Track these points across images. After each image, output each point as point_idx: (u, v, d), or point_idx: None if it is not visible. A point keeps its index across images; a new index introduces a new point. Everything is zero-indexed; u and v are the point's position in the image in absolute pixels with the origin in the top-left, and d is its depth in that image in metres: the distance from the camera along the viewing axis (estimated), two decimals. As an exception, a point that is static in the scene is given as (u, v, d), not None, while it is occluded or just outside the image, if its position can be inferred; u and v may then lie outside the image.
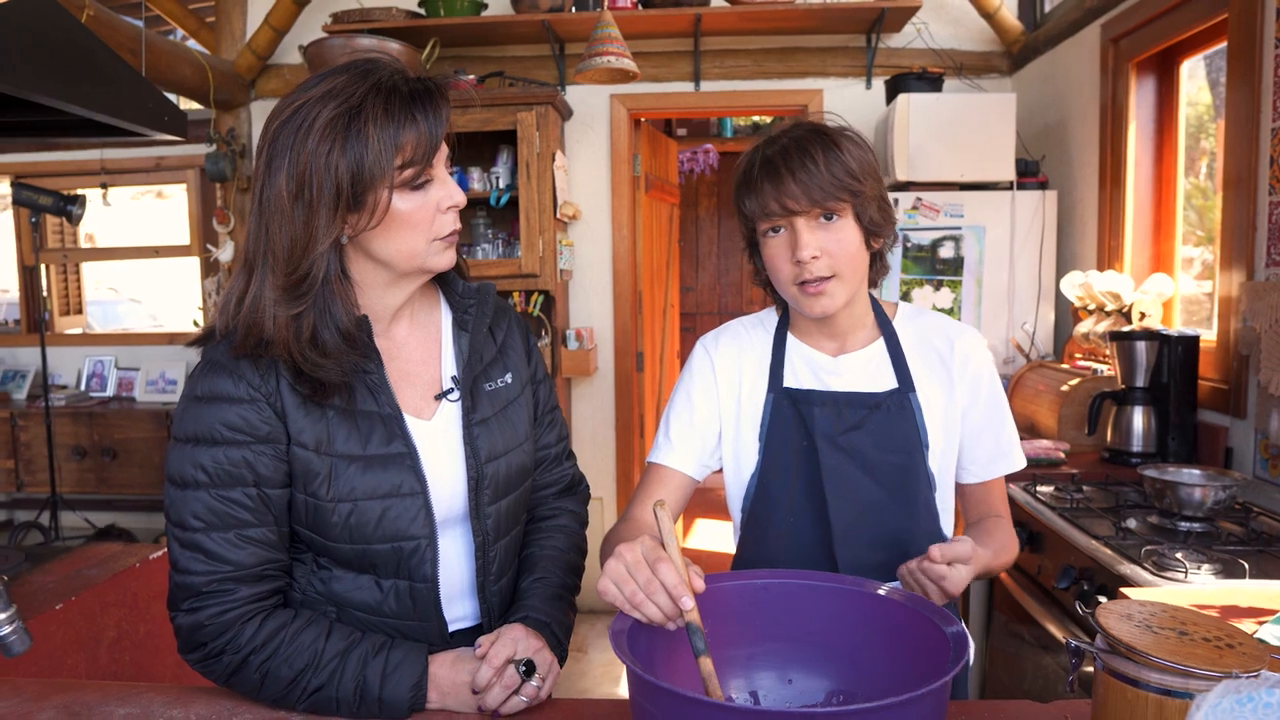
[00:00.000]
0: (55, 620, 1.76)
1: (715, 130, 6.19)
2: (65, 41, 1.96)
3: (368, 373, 1.13)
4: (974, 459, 1.36)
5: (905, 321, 1.38)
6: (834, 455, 1.30)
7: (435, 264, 1.14)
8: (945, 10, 3.89)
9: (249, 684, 1.08)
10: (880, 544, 1.30)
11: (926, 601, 0.97)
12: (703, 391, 1.39)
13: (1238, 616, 1.41)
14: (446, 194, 1.12)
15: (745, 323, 1.45)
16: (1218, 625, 0.92)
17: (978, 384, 1.34)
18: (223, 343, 1.10)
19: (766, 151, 1.27)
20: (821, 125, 1.28)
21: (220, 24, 4.12)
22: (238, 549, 1.07)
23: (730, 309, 6.79)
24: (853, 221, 1.25)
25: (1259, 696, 0.68)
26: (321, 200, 1.03)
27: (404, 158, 1.05)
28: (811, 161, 1.21)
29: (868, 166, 1.26)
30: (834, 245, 1.24)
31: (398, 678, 1.07)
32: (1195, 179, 2.91)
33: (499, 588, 1.24)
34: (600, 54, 3.12)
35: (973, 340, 1.36)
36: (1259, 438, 2.22)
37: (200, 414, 1.08)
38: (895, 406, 1.31)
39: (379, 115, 1.03)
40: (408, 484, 1.13)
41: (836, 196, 1.22)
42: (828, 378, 1.35)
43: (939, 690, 0.81)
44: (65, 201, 3.99)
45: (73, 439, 4.60)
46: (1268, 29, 2.20)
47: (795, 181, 1.22)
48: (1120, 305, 2.77)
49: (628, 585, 0.92)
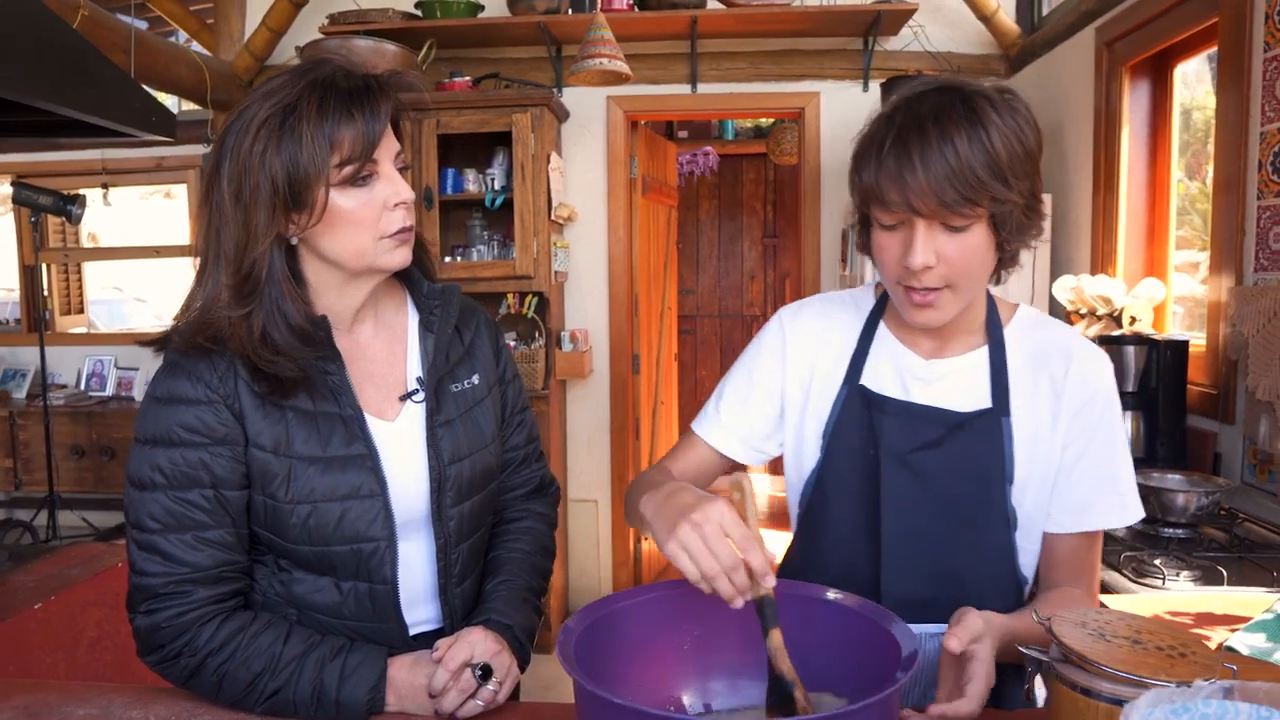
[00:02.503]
0: (34, 619, 1.76)
1: (716, 133, 6.19)
2: (51, 42, 1.97)
3: (329, 373, 1.13)
4: (1063, 504, 1.14)
5: (1021, 330, 1.18)
6: (899, 474, 1.14)
7: (386, 263, 1.12)
8: (942, 13, 3.88)
9: (206, 686, 1.08)
10: (935, 579, 1.14)
11: (878, 608, 0.97)
12: (767, 370, 1.25)
13: (1212, 624, 1.40)
14: (394, 190, 1.10)
15: (836, 299, 1.28)
16: (1172, 634, 0.91)
17: (1089, 412, 1.13)
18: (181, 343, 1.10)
19: (903, 117, 1.03)
20: (973, 91, 1.04)
21: (219, 25, 4.13)
22: (195, 551, 1.07)
23: (730, 312, 6.78)
24: (985, 227, 1.04)
25: (1194, 706, 0.67)
26: (258, 199, 1.04)
27: (341, 155, 1.05)
28: (951, 149, 0.99)
29: (1019, 156, 1.02)
30: (955, 254, 1.04)
31: (355, 680, 1.07)
32: (1201, 183, 2.89)
33: (461, 590, 1.23)
34: (593, 56, 3.12)
35: (1096, 361, 1.15)
36: (1247, 443, 2.20)
37: (158, 415, 1.08)
38: (982, 429, 1.13)
39: (312, 113, 1.03)
40: (367, 485, 1.12)
41: (972, 200, 1.00)
42: (914, 384, 1.17)
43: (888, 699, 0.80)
44: (65, 201, 4.00)
45: (71, 438, 4.61)
46: (1256, 34, 2.19)
47: (927, 174, 0.99)
48: (1111, 309, 2.76)
49: (705, 559, 0.87)
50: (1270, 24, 2.13)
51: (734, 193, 6.72)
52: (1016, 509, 1.14)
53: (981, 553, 1.14)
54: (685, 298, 6.62)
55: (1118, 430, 1.14)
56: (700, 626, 1.04)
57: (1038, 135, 1.06)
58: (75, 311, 5.37)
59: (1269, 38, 2.14)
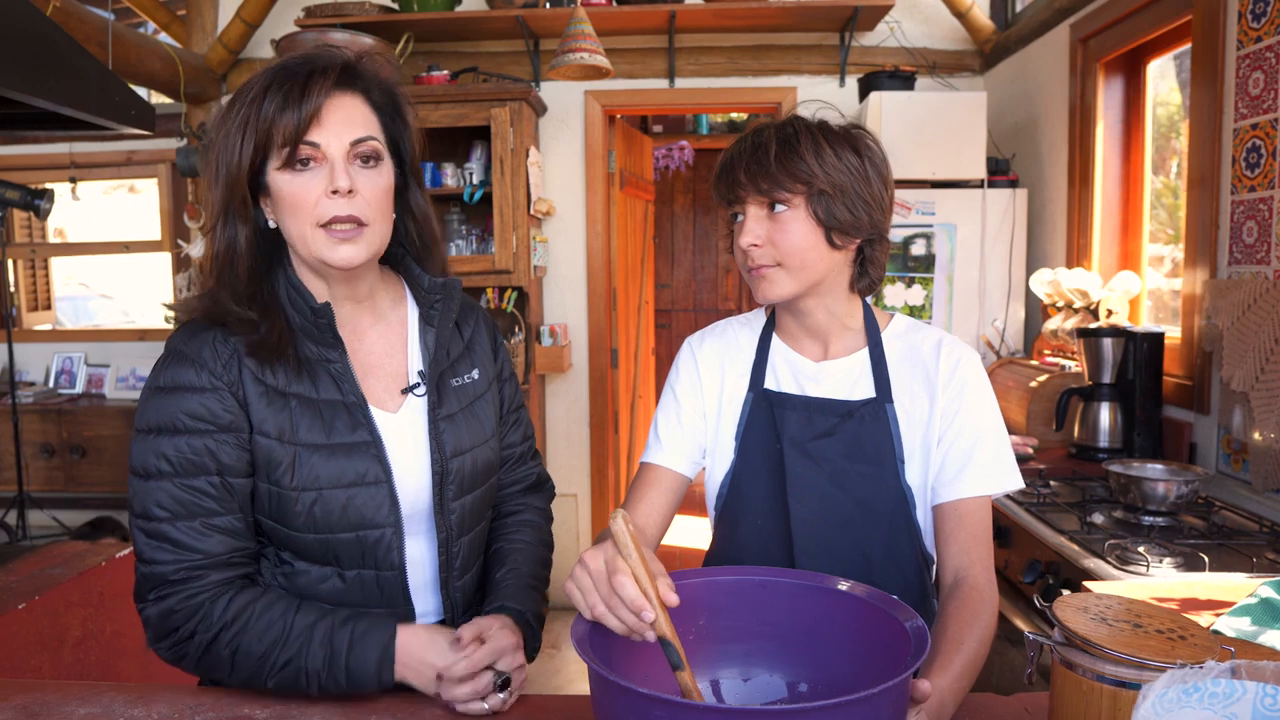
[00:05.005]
0: (18, 620, 1.74)
1: (691, 127, 6.20)
2: (28, 33, 1.93)
3: (330, 361, 1.14)
4: (942, 474, 1.25)
5: (896, 334, 1.34)
6: (800, 462, 1.27)
7: (332, 257, 1.10)
8: (918, 9, 3.92)
9: (220, 663, 1.07)
10: (844, 556, 1.26)
11: (887, 596, 0.98)
12: (687, 390, 1.38)
13: (1196, 609, 1.43)
14: (331, 177, 1.08)
15: (733, 322, 1.44)
16: (1171, 617, 0.94)
17: (960, 393, 1.26)
18: (183, 331, 1.12)
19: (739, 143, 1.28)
20: (793, 119, 1.26)
21: (191, 17, 4.07)
22: (205, 537, 1.07)
23: (706, 306, 6.81)
24: (804, 214, 1.22)
25: (1205, 686, 0.69)
26: (218, 179, 1.09)
27: (278, 139, 1.07)
28: (764, 152, 1.21)
29: (836, 163, 1.21)
30: (779, 236, 1.22)
31: (365, 644, 1.06)
32: (1165, 178, 2.94)
33: (462, 584, 1.24)
34: (573, 50, 3.11)
35: (961, 351, 1.30)
36: (1221, 433, 2.25)
37: (162, 404, 1.08)
38: (869, 416, 1.27)
39: (256, 98, 1.07)
40: (372, 472, 1.13)
41: (782, 186, 1.20)
42: (807, 383, 1.32)
43: (899, 686, 0.82)
44: (32, 196, 3.93)
45: (41, 436, 4.53)
46: (1230, 31, 2.23)
47: (743, 169, 1.22)
48: (1088, 302, 2.80)
49: (590, 595, 0.91)
50: (1243, 22, 2.18)
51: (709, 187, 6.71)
52: (910, 487, 1.27)
53: (882, 530, 1.26)
54: (661, 292, 6.63)
55: (987, 408, 1.27)
56: (705, 616, 1.05)
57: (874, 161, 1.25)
58: (42, 308, 5.28)
59: (1242, 36, 2.18)
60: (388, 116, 1.16)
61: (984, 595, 1.17)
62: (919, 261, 3.30)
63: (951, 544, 1.23)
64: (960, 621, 1.12)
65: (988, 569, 1.22)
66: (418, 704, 1.10)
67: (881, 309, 1.37)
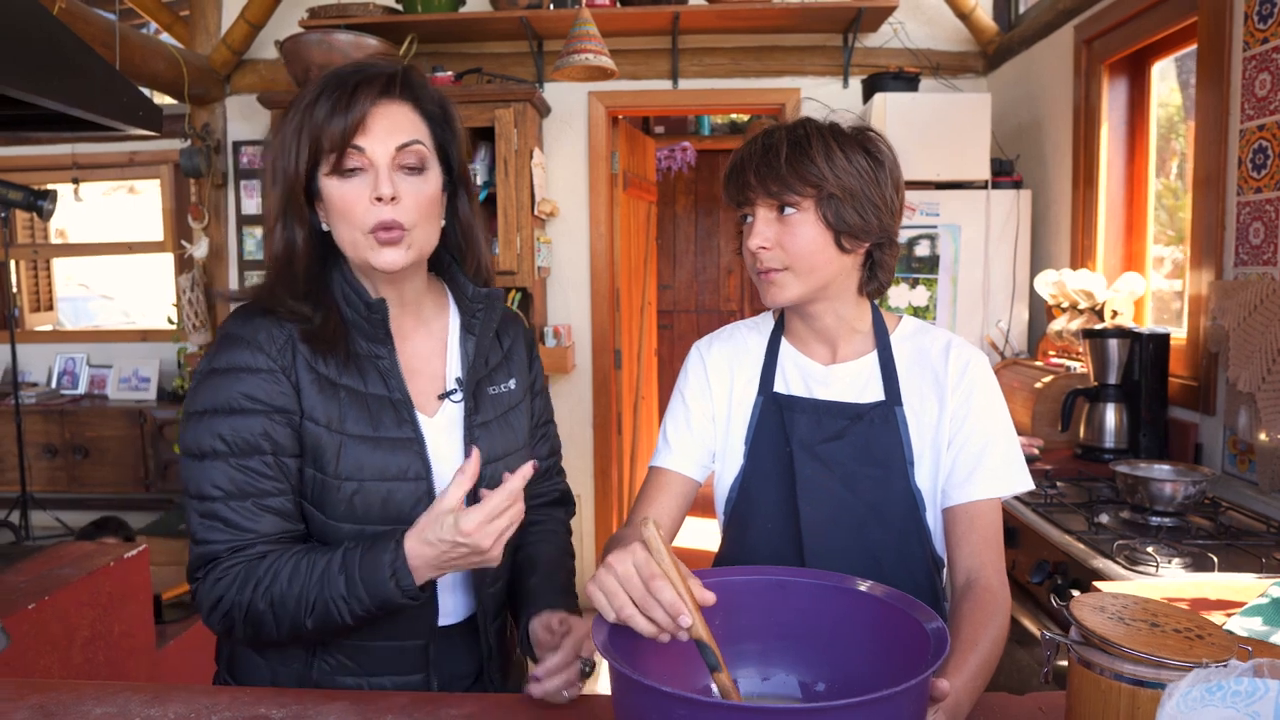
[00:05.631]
0: (28, 620, 1.74)
1: (693, 128, 6.21)
2: (36, 33, 1.93)
3: (379, 357, 1.17)
4: (952, 477, 1.26)
5: (905, 336, 1.34)
6: (810, 465, 1.27)
7: (377, 261, 1.12)
8: (922, 10, 3.92)
9: (264, 620, 1.08)
10: (854, 559, 1.25)
11: (906, 597, 0.98)
12: (696, 394, 1.38)
13: (1207, 609, 1.44)
14: (375, 184, 1.10)
15: (741, 326, 1.44)
16: (1188, 617, 0.94)
17: (969, 396, 1.26)
18: (237, 316, 1.16)
19: (750, 144, 1.27)
20: (805, 121, 1.26)
21: (195, 18, 4.07)
22: (257, 518, 1.09)
23: (708, 307, 6.81)
24: (814, 217, 1.21)
25: (1227, 685, 0.70)
26: (275, 181, 1.13)
27: (326, 146, 1.09)
28: (774, 154, 1.21)
29: (846, 166, 1.21)
30: (787, 239, 1.22)
31: (374, 556, 1.06)
32: (1166, 179, 2.95)
33: (495, 590, 1.26)
34: (578, 51, 3.11)
35: (970, 353, 1.30)
36: (1228, 434, 2.26)
37: (218, 386, 1.11)
38: (879, 419, 1.27)
39: (309, 106, 1.10)
40: (414, 468, 1.15)
41: (792, 188, 1.20)
42: (817, 386, 1.32)
43: (920, 686, 0.82)
44: (36, 197, 3.92)
45: (44, 437, 4.54)
46: (1236, 32, 2.24)
47: (753, 171, 1.22)
48: (1093, 303, 2.81)
49: (618, 598, 0.90)
50: (1249, 24, 2.18)
51: (711, 188, 6.74)
52: (920, 490, 1.26)
53: (892, 533, 1.26)
54: (663, 293, 6.64)
55: (996, 411, 1.27)
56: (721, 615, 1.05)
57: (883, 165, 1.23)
58: (44, 309, 5.28)
59: (1248, 37, 2.19)
60: (437, 125, 1.18)
61: (996, 596, 1.18)
62: (923, 262, 3.30)
63: (963, 546, 1.23)
64: (974, 622, 1.13)
65: (999, 570, 1.22)
66: (435, 704, 1.10)
67: (887, 310, 1.37)
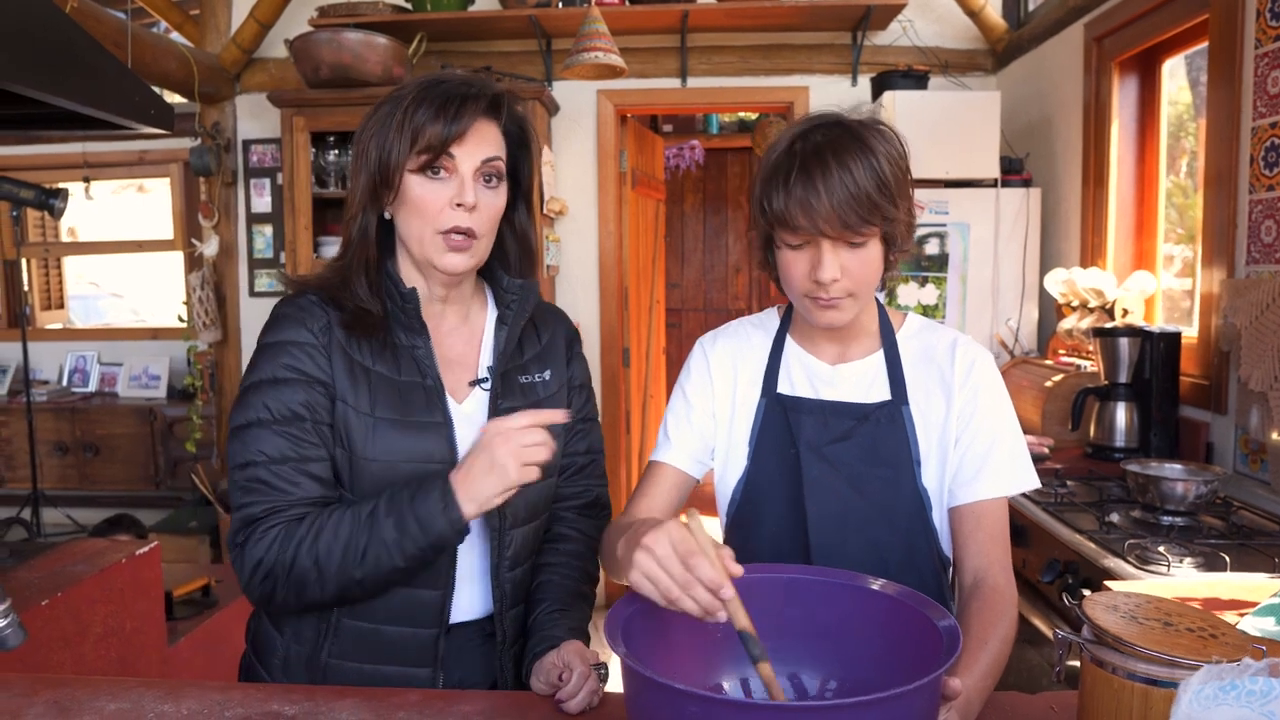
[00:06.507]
0: (41, 616, 1.75)
1: (701, 126, 6.20)
2: (48, 32, 1.94)
3: (415, 346, 1.22)
4: (959, 476, 1.25)
5: (910, 334, 1.33)
6: (817, 466, 1.26)
7: (441, 262, 1.19)
8: (930, 8, 3.91)
9: (308, 578, 1.11)
10: (861, 559, 1.23)
11: (918, 595, 0.98)
12: (698, 390, 1.37)
13: (1219, 609, 1.43)
14: (459, 190, 1.17)
15: (746, 323, 1.42)
16: (1201, 616, 0.94)
17: (976, 395, 1.26)
18: (288, 299, 1.23)
19: (801, 147, 1.17)
20: (855, 123, 1.19)
21: (205, 17, 4.09)
22: (297, 481, 1.14)
23: (716, 305, 6.81)
24: (879, 243, 1.19)
25: (1241, 684, 0.70)
26: (360, 170, 1.19)
27: (421, 145, 1.14)
28: (849, 176, 1.12)
29: (901, 179, 1.18)
30: (857, 267, 1.18)
31: (425, 494, 1.10)
32: (1176, 177, 2.94)
33: (514, 576, 1.26)
34: (588, 50, 3.12)
35: (976, 352, 1.30)
36: (1239, 433, 2.25)
37: (267, 360, 1.18)
38: (885, 419, 1.26)
39: (411, 105, 1.16)
40: (440, 453, 1.19)
41: (869, 221, 1.14)
42: (822, 387, 1.31)
43: (933, 683, 0.82)
44: (47, 195, 3.93)
45: (55, 435, 4.56)
46: (1248, 30, 2.23)
47: (831, 199, 1.12)
48: (1103, 302, 2.80)
49: (662, 580, 0.90)
50: (1261, 20, 2.17)
51: (719, 186, 6.74)
52: (927, 490, 1.26)
53: (900, 533, 1.25)
54: (671, 291, 6.64)
55: (1003, 409, 1.27)
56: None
57: (908, 159, 1.22)
58: (55, 307, 5.30)
59: (1260, 35, 2.18)
60: (514, 143, 1.26)
61: (1004, 595, 1.18)
62: (932, 261, 3.30)
63: (970, 545, 1.23)
64: (983, 621, 1.13)
65: (1006, 569, 1.22)
66: (447, 700, 1.10)
67: (895, 308, 1.36)
